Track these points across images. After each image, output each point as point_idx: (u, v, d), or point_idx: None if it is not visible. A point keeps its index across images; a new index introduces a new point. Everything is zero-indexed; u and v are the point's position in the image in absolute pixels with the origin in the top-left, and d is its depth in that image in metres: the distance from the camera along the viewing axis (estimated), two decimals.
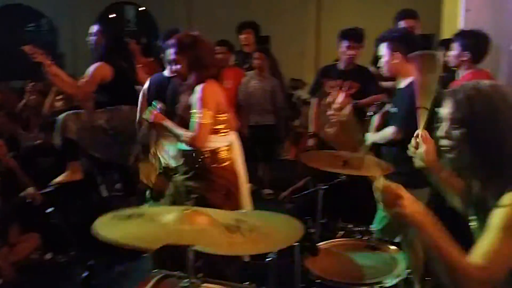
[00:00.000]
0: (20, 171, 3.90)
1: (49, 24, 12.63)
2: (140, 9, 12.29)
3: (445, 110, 1.62)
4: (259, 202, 3.68)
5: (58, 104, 5.09)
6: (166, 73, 3.50)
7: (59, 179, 4.05)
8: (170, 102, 3.16)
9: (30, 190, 3.86)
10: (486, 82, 1.62)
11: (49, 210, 2.23)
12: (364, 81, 4.23)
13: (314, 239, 2.38)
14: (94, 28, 4.41)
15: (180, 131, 2.82)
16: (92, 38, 4.38)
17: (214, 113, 2.77)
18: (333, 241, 2.58)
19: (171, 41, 2.93)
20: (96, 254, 2.49)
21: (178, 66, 2.88)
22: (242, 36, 5.80)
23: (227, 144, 2.96)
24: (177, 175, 3.06)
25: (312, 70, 9.47)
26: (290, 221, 2.07)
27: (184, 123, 2.83)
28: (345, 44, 4.24)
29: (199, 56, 2.82)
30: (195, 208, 1.84)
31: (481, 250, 1.45)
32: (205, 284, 1.99)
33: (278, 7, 10.55)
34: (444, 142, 1.65)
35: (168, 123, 2.91)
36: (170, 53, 2.93)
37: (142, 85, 3.87)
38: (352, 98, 4.17)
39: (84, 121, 4.12)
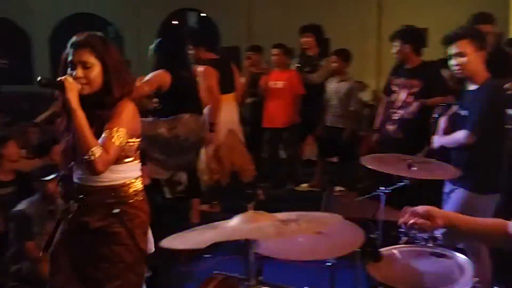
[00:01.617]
0: None
1: (115, 32, 13.11)
2: (201, 14, 12.52)
3: None
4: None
5: None
6: None
7: None
8: None
9: None
10: None
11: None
12: (429, 80, 4.17)
13: (376, 244, 2.33)
14: (157, 36, 4.53)
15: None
16: (153, 46, 4.48)
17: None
18: (396, 247, 2.52)
19: None
20: (158, 254, 2.54)
21: None
22: (304, 39, 5.86)
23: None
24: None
25: (372, 72, 9.31)
26: (352, 226, 2.04)
27: None
28: (395, 44, 4.29)
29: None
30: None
31: None
32: None
33: (338, 9, 10.45)
34: None
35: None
36: None
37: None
38: (417, 97, 4.12)
39: (147, 129, 4.24)
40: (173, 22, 12.43)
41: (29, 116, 5.53)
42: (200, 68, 4.66)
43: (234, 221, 1.79)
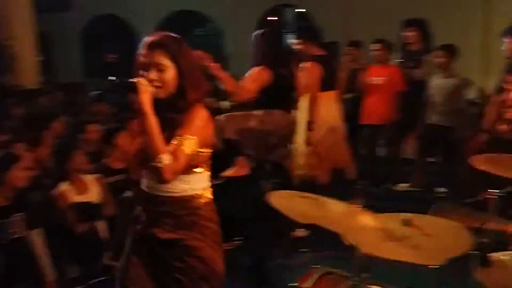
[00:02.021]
0: None
1: (215, 28, 13.48)
2: (298, 10, 12.54)
3: None
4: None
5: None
6: None
7: (227, 172, 4.32)
8: None
9: None
10: None
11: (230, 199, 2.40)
12: None
13: (486, 249, 2.24)
14: (256, 32, 4.52)
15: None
16: (253, 42, 4.48)
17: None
18: (507, 253, 2.40)
19: None
20: (258, 245, 2.61)
21: None
22: (407, 34, 5.70)
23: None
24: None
25: (477, 69, 8.81)
26: (460, 229, 1.98)
27: None
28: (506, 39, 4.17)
29: None
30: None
31: None
32: (370, 286, 1.98)
33: (440, 2, 10.00)
34: None
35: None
36: None
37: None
38: None
39: (239, 122, 4.34)
40: (271, 18, 12.54)
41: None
42: (305, 64, 4.66)
43: (340, 209, 1.79)
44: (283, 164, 4.78)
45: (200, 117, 2.13)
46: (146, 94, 2.04)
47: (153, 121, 2.05)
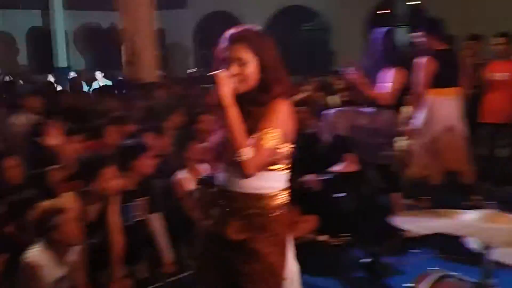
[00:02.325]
0: None
1: (323, 23, 13.41)
2: (412, 3, 12.09)
3: None
4: None
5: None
6: None
7: (337, 168, 4.31)
8: None
9: (310, 176, 4.21)
10: None
11: (340, 195, 2.37)
12: None
13: None
14: (379, 31, 4.35)
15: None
16: (373, 38, 4.34)
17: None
18: None
19: None
20: (368, 242, 2.56)
21: None
22: None
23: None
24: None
25: None
26: None
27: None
28: None
29: None
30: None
31: None
32: None
33: None
34: None
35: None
36: None
37: None
38: None
39: (350, 118, 4.29)
40: (382, 11, 12.23)
41: None
42: (421, 59, 4.48)
43: (469, 216, 1.72)
44: (390, 164, 4.67)
45: (283, 110, 2.03)
46: (225, 87, 1.96)
47: (235, 114, 1.97)
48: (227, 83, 1.97)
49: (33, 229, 2.83)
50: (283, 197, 2.15)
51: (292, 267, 2.30)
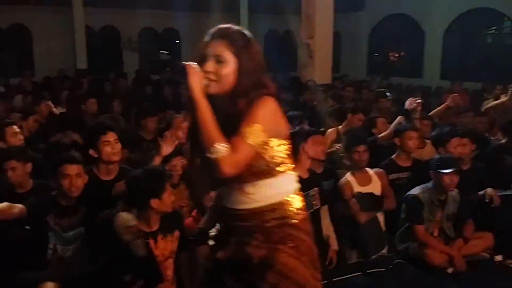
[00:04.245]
0: None
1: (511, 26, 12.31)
2: None
3: None
4: None
5: None
6: None
7: None
8: None
9: (490, 190, 3.93)
10: None
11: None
12: None
13: None
14: None
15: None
16: None
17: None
18: None
19: None
20: None
21: None
22: None
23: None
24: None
25: None
26: None
27: None
28: None
29: None
30: None
31: None
32: None
33: None
34: None
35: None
36: None
37: None
38: None
39: None
40: None
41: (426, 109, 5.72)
42: None
43: None
44: None
45: (264, 105, 1.81)
46: (195, 78, 1.78)
47: (205, 108, 1.77)
48: (197, 76, 1.79)
49: None
50: (298, 202, 1.98)
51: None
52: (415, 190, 3.83)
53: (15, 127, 4.23)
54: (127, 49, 13.88)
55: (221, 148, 1.72)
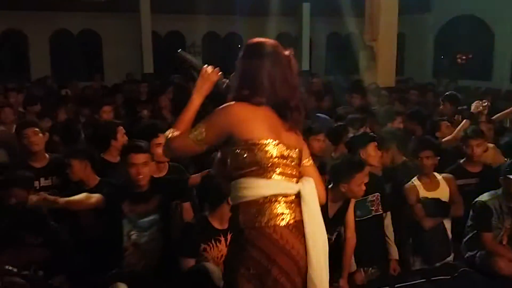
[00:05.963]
0: None
1: None
2: None
3: None
4: None
5: None
6: None
7: None
8: None
9: None
10: None
11: None
12: None
13: None
14: None
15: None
16: None
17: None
18: None
19: None
20: None
21: None
22: None
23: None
24: None
25: None
26: None
27: None
28: None
29: None
30: None
31: None
32: None
33: None
34: None
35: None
36: None
37: None
38: None
39: None
40: None
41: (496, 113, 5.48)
42: None
43: None
44: None
45: (220, 109, 1.97)
46: (204, 81, 2.12)
47: (194, 106, 2.09)
48: (207, 78, 2.12)
49: None
50: (262, 209, 1.88)
51: None
52: (484, 197, 3.72)
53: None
54: (191, 54, 14.17)
55: (171, 131, 2.05)
